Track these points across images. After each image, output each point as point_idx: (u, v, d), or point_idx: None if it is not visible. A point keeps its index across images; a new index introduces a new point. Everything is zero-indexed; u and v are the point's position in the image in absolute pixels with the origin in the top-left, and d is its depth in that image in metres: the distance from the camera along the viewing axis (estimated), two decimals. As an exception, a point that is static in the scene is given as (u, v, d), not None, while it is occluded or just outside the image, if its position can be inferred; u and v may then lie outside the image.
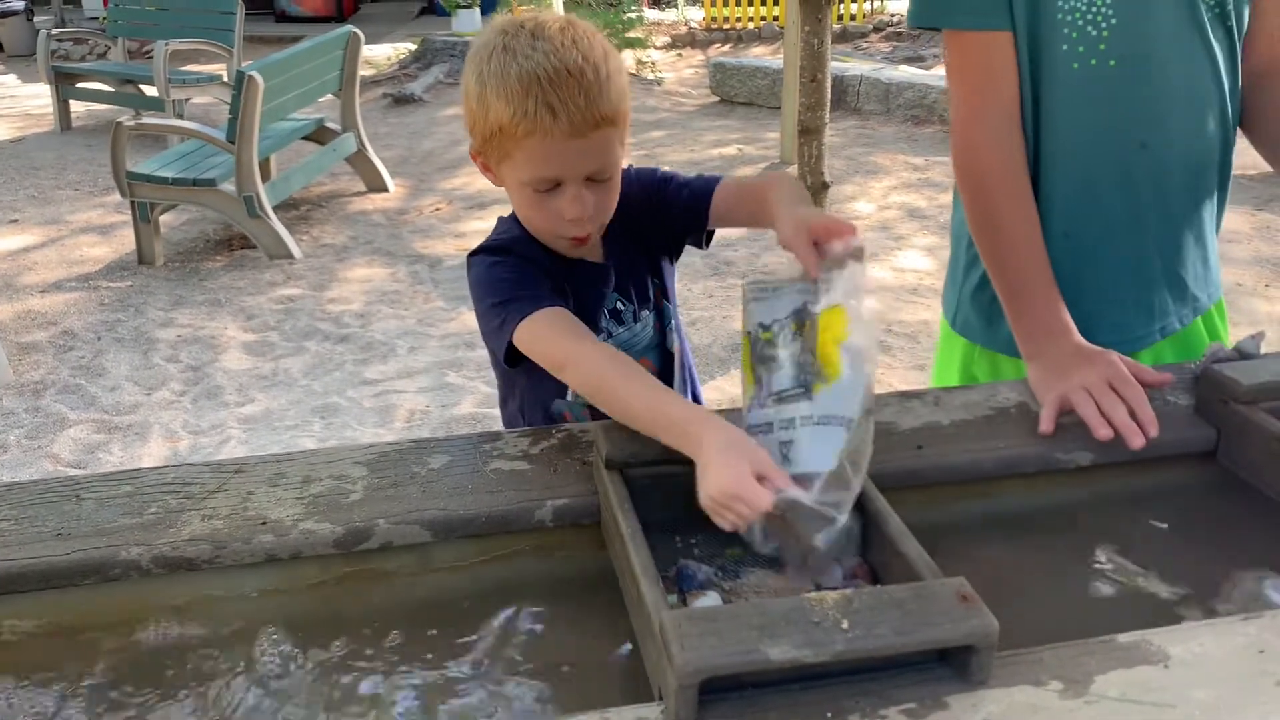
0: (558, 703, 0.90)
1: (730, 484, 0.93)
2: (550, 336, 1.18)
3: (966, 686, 0.83)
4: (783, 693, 0.82)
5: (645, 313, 1.39)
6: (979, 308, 1.54)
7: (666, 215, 1.38)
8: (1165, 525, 1.14)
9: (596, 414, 1.32)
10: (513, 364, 1.23)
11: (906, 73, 7.65)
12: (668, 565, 1.01)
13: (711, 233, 1.40)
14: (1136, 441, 1.17)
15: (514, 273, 1.26)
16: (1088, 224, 1.43)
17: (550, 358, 1.18)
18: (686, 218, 1.37)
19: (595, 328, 1.33)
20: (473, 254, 1.31)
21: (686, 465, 1.07)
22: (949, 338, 1.65)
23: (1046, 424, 1.22)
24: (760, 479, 0.93)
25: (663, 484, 1.07)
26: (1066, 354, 1.30)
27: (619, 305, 1.37)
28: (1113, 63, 1.34)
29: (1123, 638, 0.88)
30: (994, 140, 1.39)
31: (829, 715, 0.80)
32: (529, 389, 1.37)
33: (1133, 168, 1.40)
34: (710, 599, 0.96)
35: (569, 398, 1.34)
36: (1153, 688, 0.83)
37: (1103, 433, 1.18)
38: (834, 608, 0.83)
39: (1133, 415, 1.19)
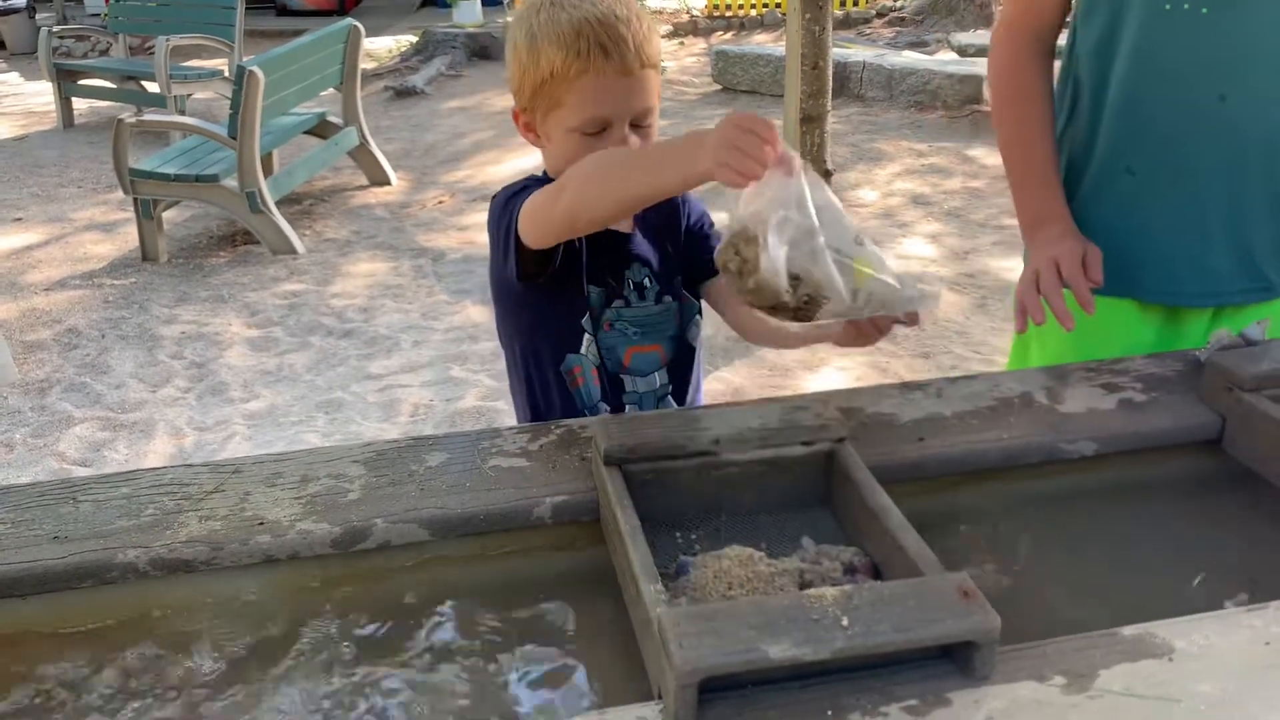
0: (557, 702, 0.89)
1: (736, 119, 0.96)
2: (540, 192, 1.20)
3: (969, 682, 0.82)
4: (783, 691, 0.81)
5: (669, 299, 1.40)
6: None
7: (691, 243, 1.43)
8: (1170, 514, 1.13)
9: (606, 371, 1.34)
10: (527, 275, 1.26)
11: (909, 58, 7.61)
12: (668, 562, 1.00)
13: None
14: (1068, 324, 1.33)
15: (531, 190, 1.28)
16: (1153, 166, 1.44)
17: (546, 201, 1.18)
18: (696, 271, 1.42)
19: (616, 293, 1.36)
20: (498, 194, 1.34)
21: (685, 459, 1.07)
22: None
23: (1020, 328, 1.39)
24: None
25: (662, 479, 1.06)
26: (1046, 237, 1.44)
27: (645, 281, 1.39)
28: (1205, 10, 1.34)
29: (1127, 630, 0.87)
30: (1020, 60, 1.51)
31: (829, 713, 0.80)
32: (540, 349, 1.37)
33: (1208, 119, 1.40)
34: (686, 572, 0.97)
35: (582, 351, 1.35)
36: (1157, 681, 0.82)
37: (1036, 319, 1.36)
38: (834, 605, 0.82)
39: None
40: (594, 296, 1.35)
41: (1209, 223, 1.45)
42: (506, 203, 1.29)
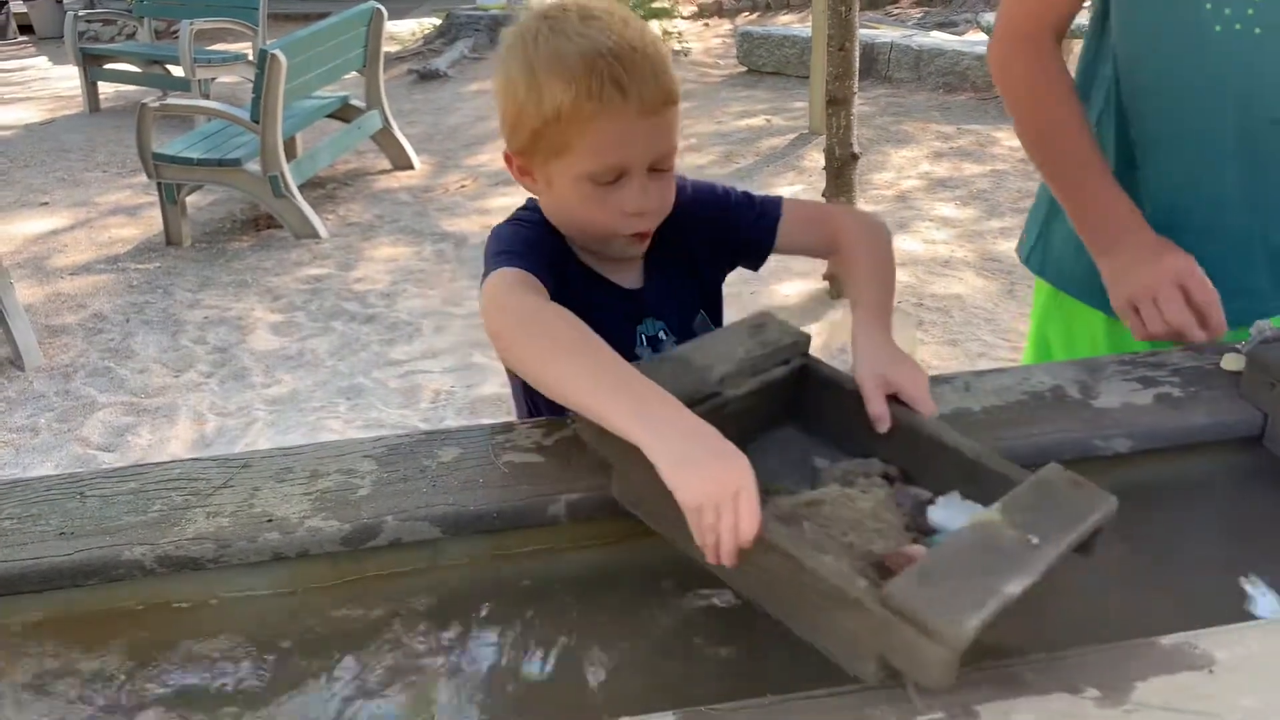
0: (569, 706, 0.87)
1: (724, 497, 0.83)
2: (496, 297, 1.07)
3: (999, 695, 0.79)
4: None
5: None
6: (1051, 245, 1.54)
7: (726, 237, 1.28)
8: (1209, 515, 1.08)
9: None
10: None
11: (938, 39, 7.50)
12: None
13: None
14: (1196, 335, 1.23)
15: (528, 233, 1.18)
16: (1197, 194, 1.37)
17: (486, 318, 1.07)
18: (749, 243, 1.28)
19: (629, 354, 1.21)
20: (499, 225, 1.23)
21: (700, 405, 1.01)
22: (1038, 287, 1.63)
23: (1139, 334, 1.27)
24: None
25: None
26: (1139, 249, 1.31)
27: (661, 334, 1.27)
28: (1258, 30, 1.26)
29: (1165, 640, 0.83)
30: (1030, 57, 1.39)
31: None
32: (537, 396, 1.27)
33: (1260, 143, 1.33)
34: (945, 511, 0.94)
35: None
36: (1198, 695, 0.78)
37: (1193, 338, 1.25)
38: (1005, 526, 0.82)
39: (1202, 324, 1.24)
40: None
41: (1252, 247, 1.39)
42: (494, 250, 1.16)
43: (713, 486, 0.82)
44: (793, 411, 1.09)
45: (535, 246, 1.16)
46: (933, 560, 0.80)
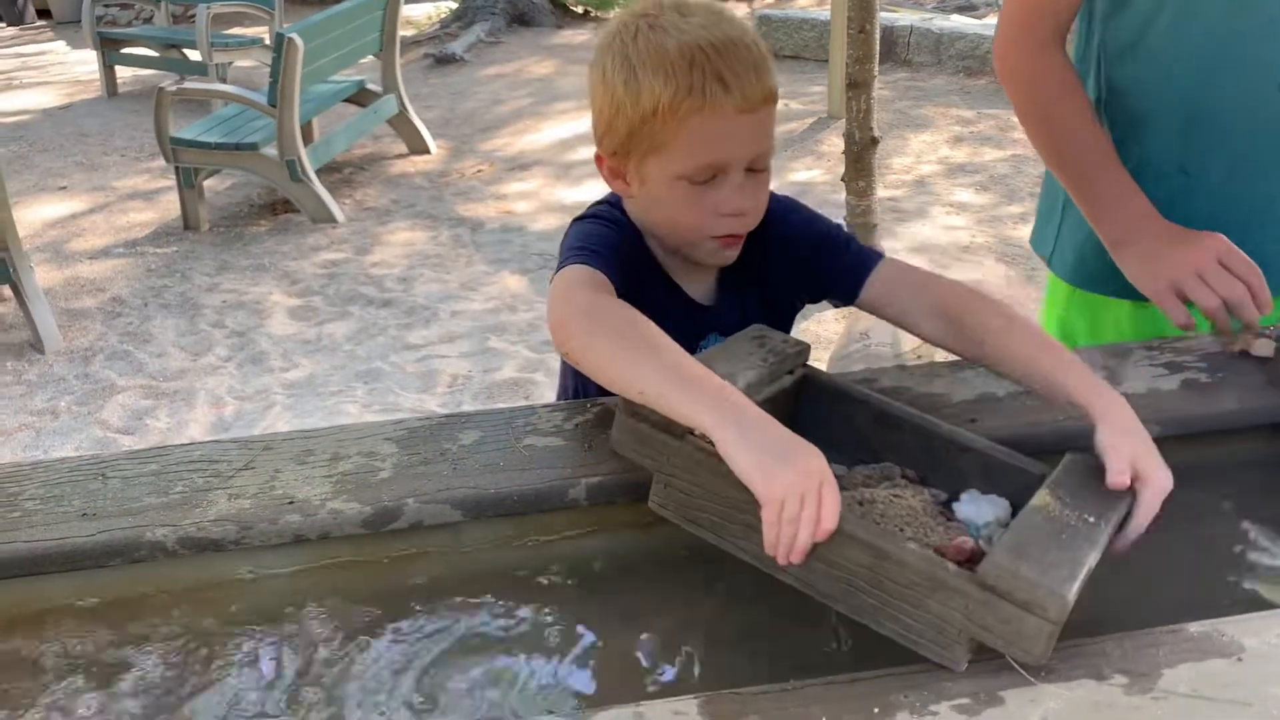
0: (590, 690, 0.86)
1: (807, 485, 0.81)
2: (563, 289, 1.04)
3: (1023, 681, 0.78)
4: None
5: None
6: (1075, 245, 1.50)
7: (806, 268, 1.22)
8: (1238, 502, 1.07)
9: None
10: None
11: (958, 22, 7.43)
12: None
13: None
14: (1250, 310, 1.21)
15: (608, 232, 1.14)
16: (1208, 163, 1.35)
17: (550, 308, 1.04)
18: (831, 284, 1.22)
19: None
20: (578, 218, 1.19)
21: None
22: (1053, 283, 1.61)
23: (1182, 319, 1.24)
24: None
25: None
26: (1163, 235, 1.29)
27: None
28: None
29: (1193, 627, 0.83)
30: (1047, 55, 1.37)
31: (875, 710, 0.76)
32: (591, 387, 1.24)
33: (1267, 110, 1.31)
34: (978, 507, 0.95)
35: None
36: (1226, 683, 0.77)
37: (1220, 317, 1.22)
38: (1058, 509, 0.85)
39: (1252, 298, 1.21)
40: None
41: (1270, 216, 1.37)
42: (569, 244, 1.11)
43: (798, 477, 0.81)
44: (793, 420, 1.06)
45: (612, 246, 1.12)
46: (1015, 541, 0.81)
